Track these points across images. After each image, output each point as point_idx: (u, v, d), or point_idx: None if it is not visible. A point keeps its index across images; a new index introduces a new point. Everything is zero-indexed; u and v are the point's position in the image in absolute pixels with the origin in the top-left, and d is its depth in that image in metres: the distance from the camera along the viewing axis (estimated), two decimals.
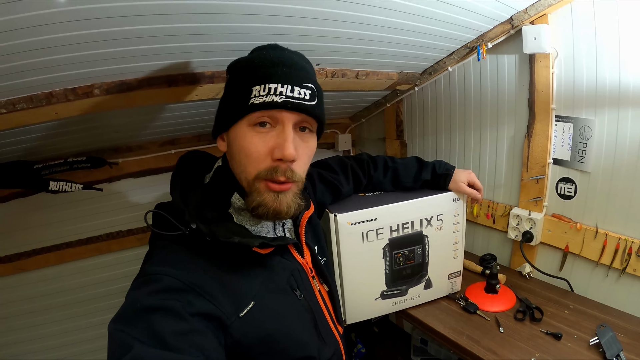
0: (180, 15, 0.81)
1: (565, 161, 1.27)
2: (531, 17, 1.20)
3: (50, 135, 1.19)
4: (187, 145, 1.66)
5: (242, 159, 0.70)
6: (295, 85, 0.68)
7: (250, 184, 0.71)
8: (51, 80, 0.90)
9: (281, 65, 0.69)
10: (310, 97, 0.70)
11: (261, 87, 0.67)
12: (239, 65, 0.74)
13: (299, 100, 0.68)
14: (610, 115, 1.14)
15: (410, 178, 1.20)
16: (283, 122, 0.69)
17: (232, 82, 0.74)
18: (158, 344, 0.53)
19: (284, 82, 0.67)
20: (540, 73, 1.26)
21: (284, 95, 0.67)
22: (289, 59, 0.71)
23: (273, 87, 0.67)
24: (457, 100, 1.59)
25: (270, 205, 0.70)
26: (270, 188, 0.70)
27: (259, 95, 0.67)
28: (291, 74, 0.69)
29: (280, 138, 0.68)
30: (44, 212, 1.51)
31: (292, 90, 0.67)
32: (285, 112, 0.68)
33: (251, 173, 0.70)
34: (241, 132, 0.70)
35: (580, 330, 1.07)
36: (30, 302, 1.56)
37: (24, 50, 0.76)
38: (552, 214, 1.33)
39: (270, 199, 0.70)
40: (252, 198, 0.70)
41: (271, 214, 0.71)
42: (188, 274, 0.63)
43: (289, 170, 0.70)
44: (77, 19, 0.72)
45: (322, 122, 0.76)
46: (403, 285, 1.19)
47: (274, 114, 0.68)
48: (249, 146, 0.69)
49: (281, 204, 0.71)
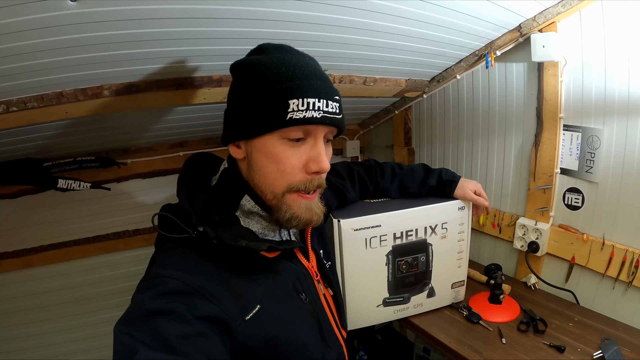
0: (190, 19, 0.83)
1: (573, 171, 1.26)
2: (540, 25, 1.19)
3: (60, 135, 1.21)
4: (195, 147, 1.68)
5: (271, 173, 0.70)
6: (329, 99, 0.68)
7: (278, 197, 0.71)
8: (62, 80, 0.92)
9: (313, 77, 0.68)
10: (339, 110, 0.71)
11: (299, 101, 0.65)
12: (258, 69, 0.69)
13: (333, 115, 0.69)
14: (619, 125, 1.13)
15: (416, 184, 1.19)
16: (316, 136, 0.70)
17: (252, 88, 0.68)
18: (163, 348, 0.53)
19: (319, 96, 0.67)
20: (548, 82, 1.25)
21: (322, 110, 0.67)
22: (316, 69, 0.71)
23: (312, 102, 0.66)
24: (465, 108, 1.58)
25: (304, 217, 0.72)
26: (303, 198, 0.72)
27: (297, 110, 0.65)
28: (325, 87, 0.69)
29: (314, 152, 0.70)
30: (53, 210, 1.53)
31: (327, 105, 0.68)
32: (320, 126, 0.69)
33: (281, 186, 0.70)
34: (272, 145, 0.68)
35: (584, 343, 1.05)
36: (37, 297, 1.58)
37: (36, 51, 0.77)
38: (559, 225, 1.32)
39: (302, 210, 0.72)
40: (284, 211, 0.71)
41: (302, 224, 0.73)
42: (194, 277, 0.63)
43: (321, 179, 0.73)
44: (87, 21, 0.73)
45: (342, 132, 0.77)
46: (406, 293, 1.18)
47: (309, 129, 0.69)
48: (283, 161, 0.69)
49: (314, 213, 0.73)
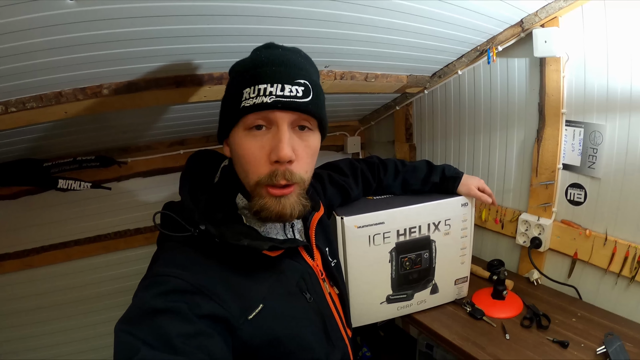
0: (190, 16, 0.81)
1: (575, 167, 1.26)
2: (542, 20, 1.18)
3: (60, 134, 1.20)
4: (195, 145, 1.67)
5: (243, 165, 0.69)
6: (286, 83, 0.66)
7: (252, 189, 0.70)
8: (61, 80, 0.91)
9: (270, 64, 0.67)
10: (303, 93, 0.67)
11: (251, 89, 0.65)
12: (236, 68, 0.73)
13: (291, 99, 0.66)
14: (621, 120, 1.12)
15: (419, 181, 1.19)
16: (277, 122, 0.67)
17: (228, 86, 0.74)
18: (164, 347, 0.53)
19: (272, 81, 0.65)
20: (550, 77, 1.25)
21: (274, 95, 0.65)
22: (281, 56, 0.69)
23: (262, 88, 0.65)
24: (467, 104, 1.57)
25: (273, 209, 0.69)
26: (271, 193, 0.68)
27: (249, 97, 0.65)
28: (281, 72, 0.66)
29: (275, 139, 0.66)
30: (53, 210, 1.53)
31: (283, 89, 0.65)
32: (277, 112, 0.66)
33: (252, 179, 0.69)
34: (238, 138, 0.69)
35: (587, 338, 1.06)
36: (37, 298, 1.57)
37: (34, 50, 0.76)
38: (561, 220, 1.32)
39: (272, 202, 0.69)
40: (255, 202, 0.69)
41: (274, 217, 0.70)
42: (195, 275, 0.62)
43: (288, 172, 0.68)
44: (86, 20, 0.72)
45: (321, 118, 0.72)
46: (409, 289, 1.19)
47: (267, 115, 0.66)
48: (246, 152, 0.68)
49: (284, 207, 0.69)
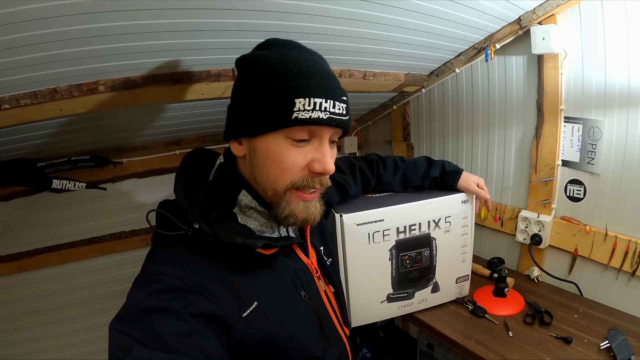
0: (188, 10, 0.80)
1: (574, 163, 1.26)
2: (539, 17, 1.19)
3: (54, 134, 1.18)
4: (192, 145, 1.64)
5: (274, 171, 0.69)
6: (336, 100, 0.67)
7: (278, 194, 0.70)
8: (56, 75, 0.89)
9: (321, 76, 0.67)
10: (346, 111, 0.69)
11: (306, 100, 0.64)
12: (263, 65, 0.68)
13: (340, 117, 0.68)
14: (619, 116, 1.13)
15: (419, 176, 1.19)
16: (322, 137, 0.68)
17: (257, 84, 0.67)
18: (158, 346, 0.53)
19: (326, 97, 0.66)
20: (548, 74, 1.25)
21: (328, 111, 0.66)
22: (324, 68, 0.70)
23: (318, 103, 0.65)
24: (465, 102, 1.58)
25: (301, 215, 0.71)
26: (301, 198, 0.71)
27: (303, 109, 0.64)
28: (332, 87, 0.68)
29: (319, 153, 0.69)
30: (47, 212, 1.50)
31: (334, 106, 0.66)
32: (326, 127, 0.68)
33: (283, 184, 0.69)
34: (276, 144, 0.67)
35: (590, 334, 1.05)
36: (32, 302, 1.54)
37: (27, 44, 0.74)
38: (561, 217, 1.32)
39: (300, 209, 0.71)
40: (282, 208, 0.70)
41: (300, 223, 0.72)
42: (189, 273, 0.62)
43: (324, 179, 0.72)
44: (82, 12, 0.70)
45: (347, 134, 0.76)
46: (410, 288, 1.17)
47: (315, 129, 0.67)
48: (286, 160, 0.68)
49: (311, 213, 0.72)
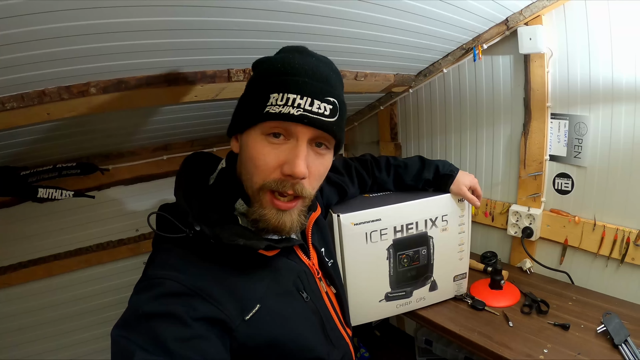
0: (184, 7, 0.78)
1: (562, 157, 1.31)
2: (526, 18, 1.23)
3: (40, 140, 1.12)
4: (180, 150, 1.60)
5: (250, 167, 0.68)
6: (316, 98, 0.64)
7: (254, 193, 0.68)
8: (44, 77, 0.84)
9: (303, 73, 0.65)
10: (330, 112, 0.66)
11: (279, 95, 0.63)
12: (263, 65, 0.70)
13: (317, 116, 0.64)
14: (604, 111, 1.18)
15: (411, 177, 1.18)
16: (297, 136, 0.65)
17: (253, 83, 0.70)
18: (160, 351, 0.52)
19: (302, 93, 0.63)
20: (535, 72, 1.30)
21: (302, 108, 0.63)
22: (314, 67, 0.66)
23: (292, 98, 0.63)
24: (453, 102, 1.61)
25: (272, 222, 0.68)
26: (274, 205, 0.67)
27: (275, 104, 0.63)
28: (313, 85, 0.64)
29: (292, 153, 0.65)
30: (30, 223, 1.43)
31: (312, 104, 0.63)
32: (300, 126, 0.64)
33: (257, 183, 0.67)
34: (253, 140, 0.67)
35: (586, 320, 1.09)
36: (17, 318, 1.47)
37: (14, 42, 0.70)
38: (551, 209, 1.36)
39: (272, 214, 0.68)
40: (254, 209, 0.68)
41: (272, 229, 0.69)
42: (191, 277, 0.61)
43: (299, 185, 0.67)
44: (73, 8, 0.67)
45: (340, 140, 0.71)
46: (408, 287, 1.18)
47: (289, 127, 0.64)
48: (258, 156, 0.66)
49: (284, 222, 0.68)
